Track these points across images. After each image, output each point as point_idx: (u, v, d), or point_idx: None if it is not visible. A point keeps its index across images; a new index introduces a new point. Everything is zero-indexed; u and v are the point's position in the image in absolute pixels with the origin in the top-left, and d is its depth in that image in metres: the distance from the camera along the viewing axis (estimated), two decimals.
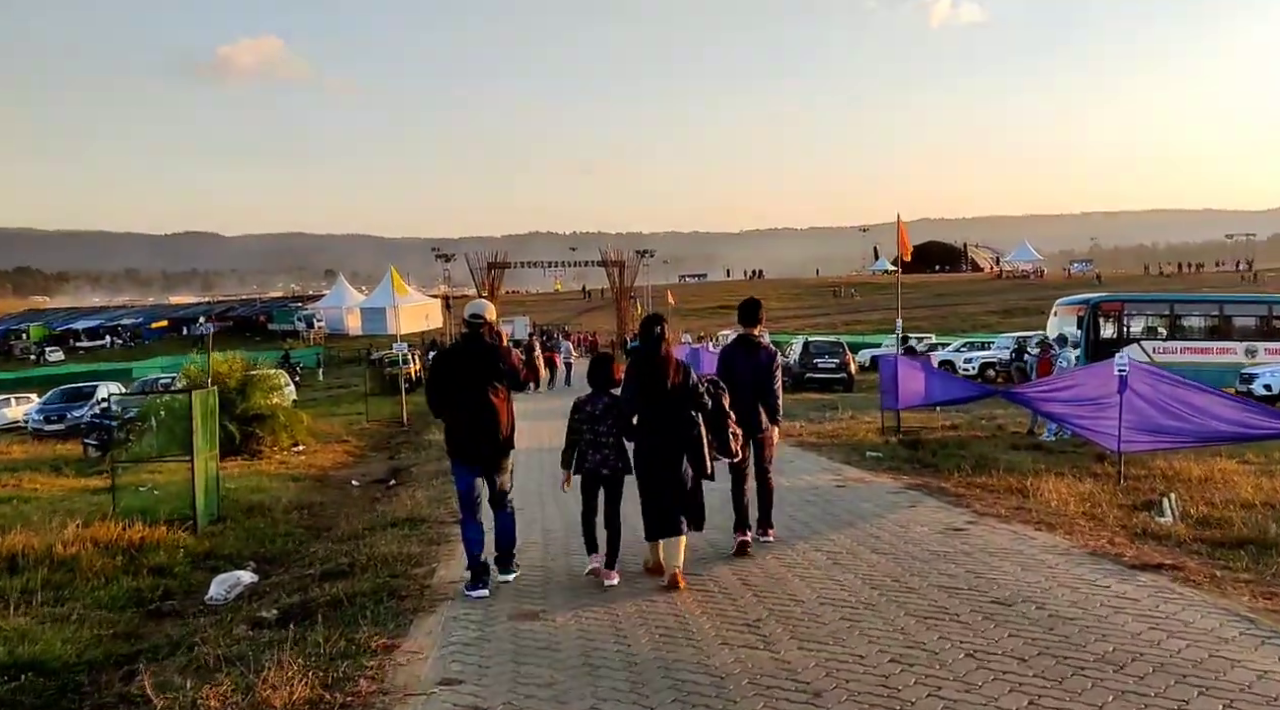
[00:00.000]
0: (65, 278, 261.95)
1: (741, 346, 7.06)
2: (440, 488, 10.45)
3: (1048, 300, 74.78)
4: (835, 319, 69.13)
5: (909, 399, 15.55)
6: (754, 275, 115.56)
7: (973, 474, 10.34)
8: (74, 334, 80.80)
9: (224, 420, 15.13)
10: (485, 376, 6.01)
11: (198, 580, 7.56)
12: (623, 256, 64.97)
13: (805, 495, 9.08)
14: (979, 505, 8.13)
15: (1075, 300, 29.25)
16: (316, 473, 13.57)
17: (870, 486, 9.52)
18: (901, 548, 6.57)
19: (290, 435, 16.31)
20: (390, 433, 21.31)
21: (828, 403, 24.09)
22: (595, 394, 6.14)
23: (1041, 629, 4.65)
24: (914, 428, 15.92)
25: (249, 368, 16.42)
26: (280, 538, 8.91)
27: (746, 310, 7.16)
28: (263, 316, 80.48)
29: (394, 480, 12.90)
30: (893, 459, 12.11)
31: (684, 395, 5.91)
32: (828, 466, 11.23)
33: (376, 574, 6.50)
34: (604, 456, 6.00)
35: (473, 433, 6.01)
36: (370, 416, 24.21)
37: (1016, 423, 17.35)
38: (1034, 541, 6.62)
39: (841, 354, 29.03)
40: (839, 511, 8.15)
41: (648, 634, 4.86)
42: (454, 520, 8.29)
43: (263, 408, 15.77)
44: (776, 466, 7.36)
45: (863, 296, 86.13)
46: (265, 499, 10.63)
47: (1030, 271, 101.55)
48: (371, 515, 9.19)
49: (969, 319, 66.93)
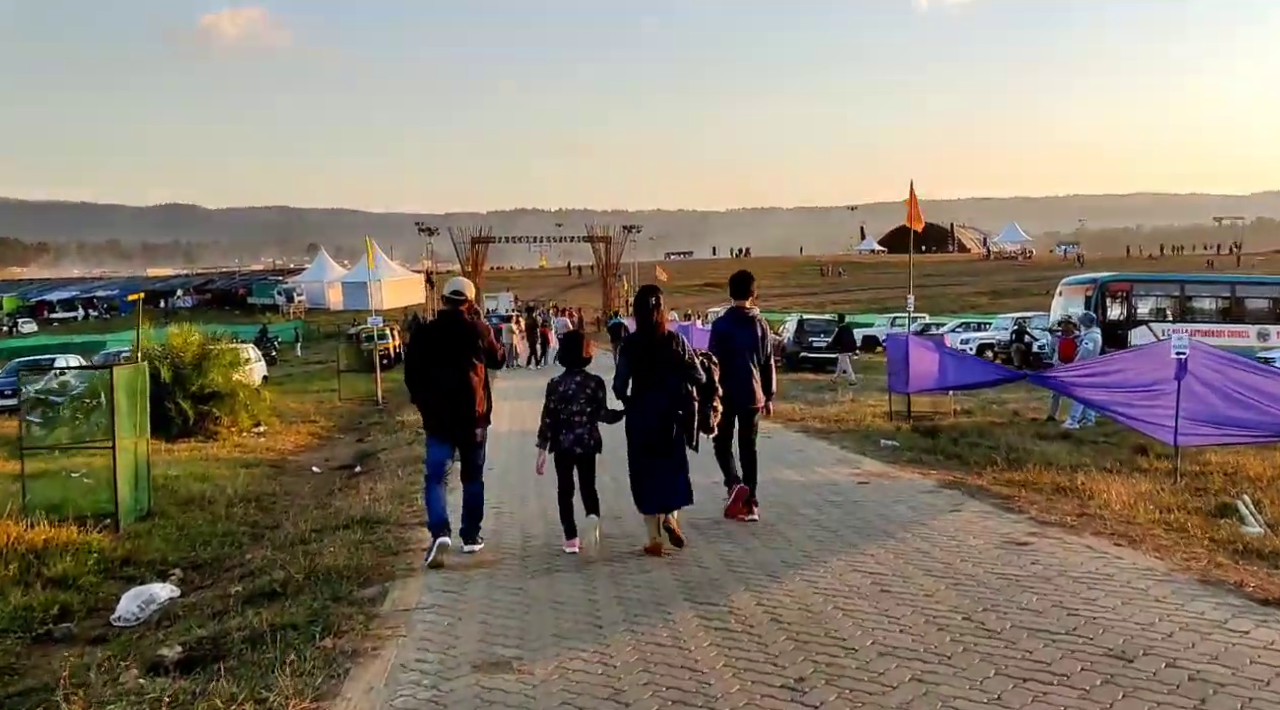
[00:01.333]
0: (45, 248, 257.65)
1: (735, 319, 7.01)
2: (407, 479, 9.22)
3: (1037, 281, 74.66)
4: (824, 298, 68.33)
5: (920, 382, 14.38)
6: (741, 253, 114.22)
7: (1008, 468, 9.20)
8: (48, 305, 78.76)
9: (178, 398, 13.85)
10: (463, 353, 6.06)
11: (108, 594, 6.32)
12: (609, 233, 63.47)
13: (825, 493, 7.89)
14: (1034, 510, 6.95)
15: (1082, 279, 28.24)
16: (274, 457, 12.31)
17: (897, 483, 8.34)
18: (960, 568, 5.37)
19: (251, 415, 15.02)
20: (363, 412, 20.03)
21: (824, 383, 22.98)
22: (568, 373, 6.12)
23: (1188, 701, 3.47)
24: (924, 412, 14.79)
25: (207, 341, 15.05)
26: (217, 538, 7.65)
27: (739, 283, 7.14)
28: (242, 290, 78.83)
29: (359, 467, 11.65)
30: (911, 449, 10.95)
31: (679, 368, 5.94)
32: (841, 457, 10.05)
33: (315, 595, 5.26)
34: (577, 435, 5.98)
35: (449, 408, 6.05)
36: (344, 394, 22.91)
37: (1029, 407, 16.26)
38: (1119, 561, 5.44)
39: None
40: (869, 516, 6.95)
41: (656, 700, 3.65)
42: (417, 522, 7.07)
43: (221, 385, 14.45)
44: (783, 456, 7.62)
45: (850, 276, 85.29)
46: (209, 489, 9.36)
47: (1018, 253, 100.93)
48: (324, 512, 7.94)
49: (958, 299, 66.27)
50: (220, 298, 77.18)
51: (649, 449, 5.93)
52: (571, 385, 6.05)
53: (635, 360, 6.05)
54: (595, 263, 64.94)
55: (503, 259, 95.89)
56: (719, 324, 7.29)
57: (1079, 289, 26.89)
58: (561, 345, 6.44)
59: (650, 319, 6.08)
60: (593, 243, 63.45)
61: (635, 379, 6.03)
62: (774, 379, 7.16)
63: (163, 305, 75.31)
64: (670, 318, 36.68)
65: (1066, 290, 27.74)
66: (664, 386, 5.93)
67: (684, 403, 5.94)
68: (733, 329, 6.95)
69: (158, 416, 13.94)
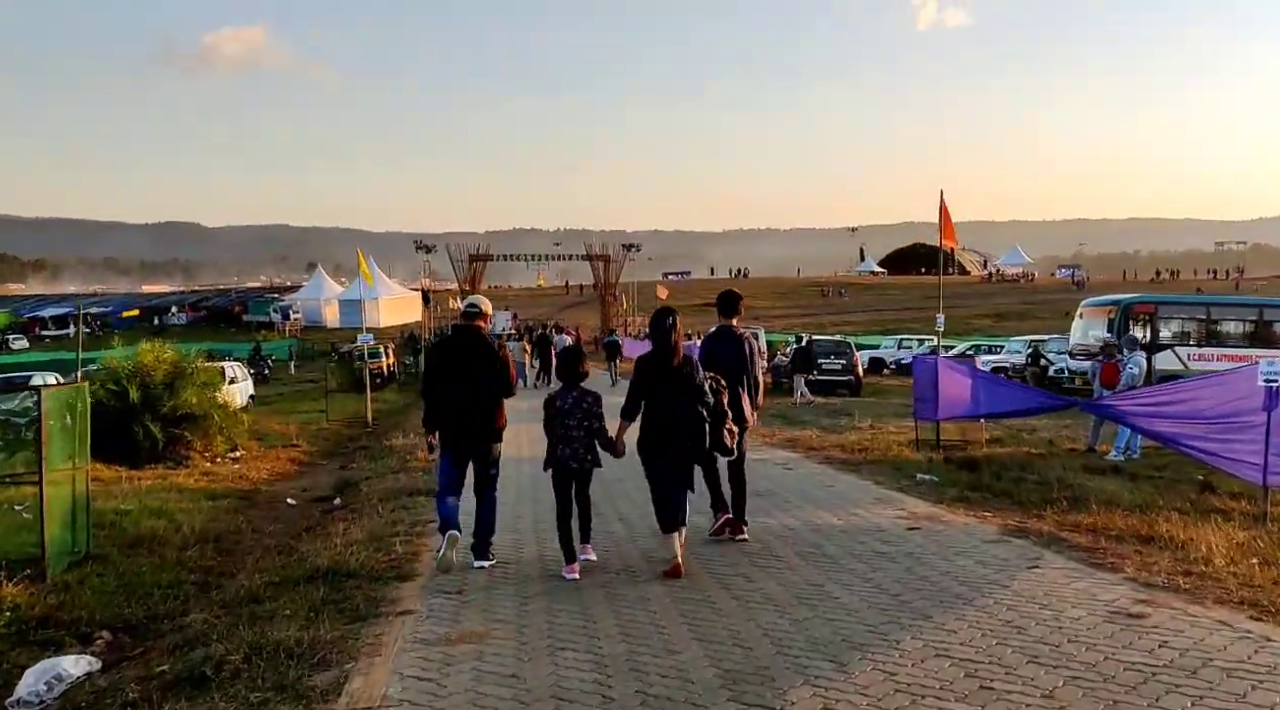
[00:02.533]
0: (43, 265, 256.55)
1: (723, 337, 7.10)
2: (388, 517, 8.11)
3: (1039, 304, 73.85)
4: (824, 319, 67.55)
5: (952, 408, 13.30)
6: (739, 274, 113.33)
7: (1069, 509, 8.11)
8: (41, 322, 77.63)
9: (146, 421, 12.78)
10: (478, 369, 6.10)
11: (14, 665, 5.19)
12: (608, 251, 62.59)
13: (872, 542, 6.77)
14: (1128, 567, 5.83)
15: (1103, 301, 27.20)
16: (246, 487, 11.17)
17: (952, 529, 7.23)
18: (1072, 653, 4.25)
19: (227, 439, 13.89)
20: (351, 434, 18.93)
21: (836, 407, 21.90)
22: (565, 388, 6.09)
23: None
24: (953, 440, 13.72)
25: (181, 359, 13.94)
26: (161, 590, 6.51)
27: (726, 302, 7.23)
28: (238, 307, 77.89)
29: (338, 499, 10.52)
30: (952, 484, 9.85)
31: (691, 390, 5.97)
32: (880, 495, 8.94)
33: (254, 682, 4.14)
34: (573, 450, 5.98)
35: (462, 423, 6.12)
36: (332, 415, 21.78)
37: (1061, 435, 15.19)
38: (1273, 646, 4.32)
39: (849, 354, 26.84)
40: (932, 573, 5.84)
41: None
42: (394, 575, 5.97)
43: (194, 407, 13.33)
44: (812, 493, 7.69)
45: (850, 297, 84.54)
46: (162, 527, 8.22)
47: (1020, 275, 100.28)
48: (286, 560, 6.81)
49: (961, 322, 65.36)
50: (215, 315, 76.21)
51: (662, 470, 5.96)
52: (568, 400, 6.02)
53: (649, 381, 6.02)
54: (594, 281, 64.03)
55: (501, 278, 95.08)
56: (707, 342, 7.36)
57: (1101, 311, 25.85)
58: (559, 360, 6.52)
59: (667, 340, 6.04)
60: (591, 261, 62.61)
61: (647, 400, 6.02)
62: (760, 396, 7.24)
63: (157, 322, 74.43)
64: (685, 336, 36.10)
65: (1087, 312, 26.70)
66: (676, 409, 5.94)
67: (696, 425, 5.97)
68: (721, 348, 7.01)
69: (125, 440, 12.86)
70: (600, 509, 7.17)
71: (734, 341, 7.05)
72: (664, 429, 5.93)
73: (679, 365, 5.99)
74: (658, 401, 5.97)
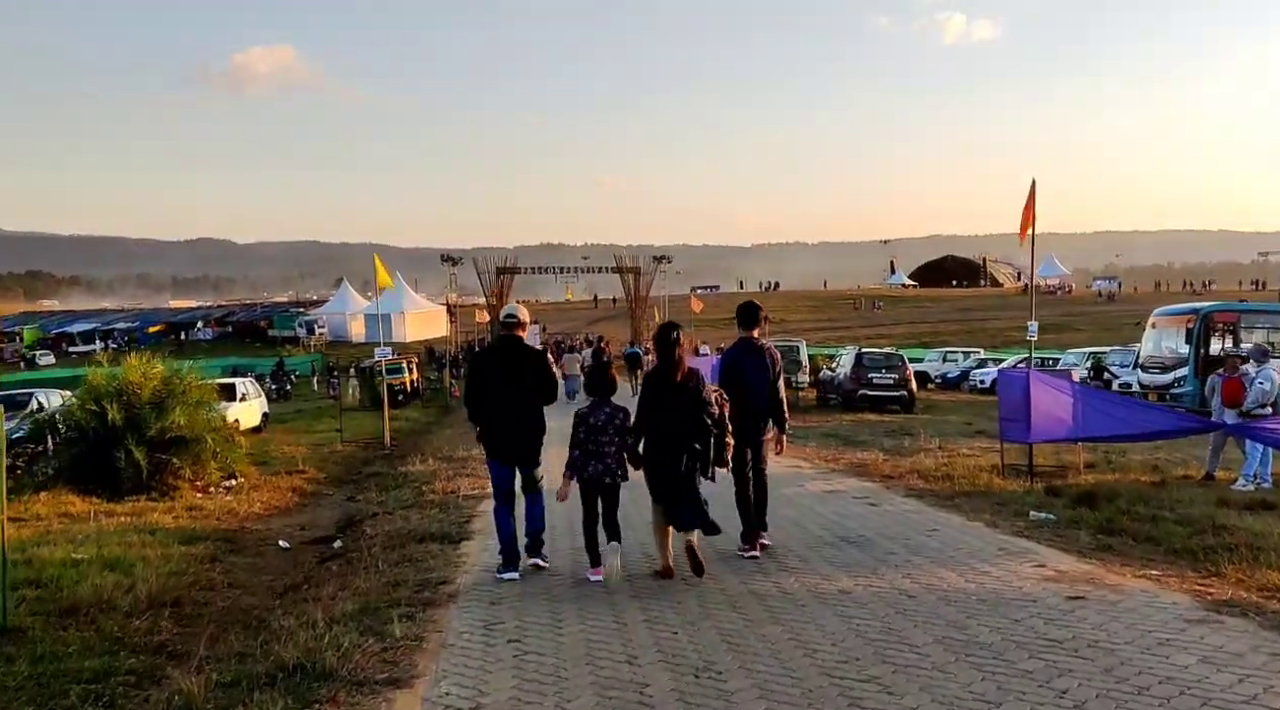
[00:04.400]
0: (77, 282, 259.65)
1: (744, 349, 6.98)
2: (393, 572, 6.48)
3: (1078, 316, 71.47)
4: (858, 331, 65.66)
5: (1048, 430, 11.49)
6: (770, 287, 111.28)
7: (1249, 561, 6.33)
8: (68, 338, 77.40)
9: (130, 445, 11.25)
10: (519, 379, 6.28)
11: None
12: (638, 263, 60.96)
13: (1033, 622, 5.00)
14: None
15: (1179, 310, 25.13)
16: (232, 526, 9.56)
17: (1130, 600, 5.44)
18: None
19: (222, 464, 12.34)
20: (367, 456, 17.35)
21: (891, 425, 20.09)
22: (596, 404, 6.23)
23: None
24: (1046, 466, 12.02)
25: (172, 375, 12.42)
26: (79, 689, 4.86)
27: (746, 314, 7.12)
28: (263, 322, 77.27)
29: (338, 541, 8.89)
30: (1075, 524, 8.08)
31: (695, 402, 6.07)
32: (1001, 543, 7.16)
33: None
34: (606, 466, 6.07)
35: (507, 430, 6.31)
36: (350, 434, 20.25)
37: (1158, 458, 13.35)
38: None
39: (901, 368, 24.93)
40: (1151, 683, 4.06)
41: None
42: (384, 676, 4.30)
43: (184, 429, 11.78)
44: (920, 543, 6.90)
45: (883, 310, 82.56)
46: (113, 586, 6.61)
47: (1057, 287, 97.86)
48: (249, 642, 5.16)
49: (998, 334, 63.32)
50: (241, 330, 75.58)
51: (664, 479, 6.05)
52: (601, 416, 6.14)
53: (655, 394, 6.16)
54: (625, 293, 62.51)
55: (529, 292, 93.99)
56: (728, 354, 7.28)
57: (1177, 320, 23.84)
58: (589, 375, 6.69)
59: (671, 354, 6.19)
60: (621, 274, 61.05)
61: (654, 412, 6.14)
62: (785, 410, 6.96)
63: (183, 337, 73.78)
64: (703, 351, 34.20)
65: (1160, 322, 24.69)
66: (680, 420, 6.05)
67: (700, 436, 6.06)
68: (742, 359, 6.89)
69: (105, 467, 11.35)
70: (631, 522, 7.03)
71: (755, 354, 6.87)
72: (667, 439, 6.04)
73: (683, 378, 6.13)
74: (663, 413, 6.10)
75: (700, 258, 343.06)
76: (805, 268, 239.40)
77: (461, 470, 12.13)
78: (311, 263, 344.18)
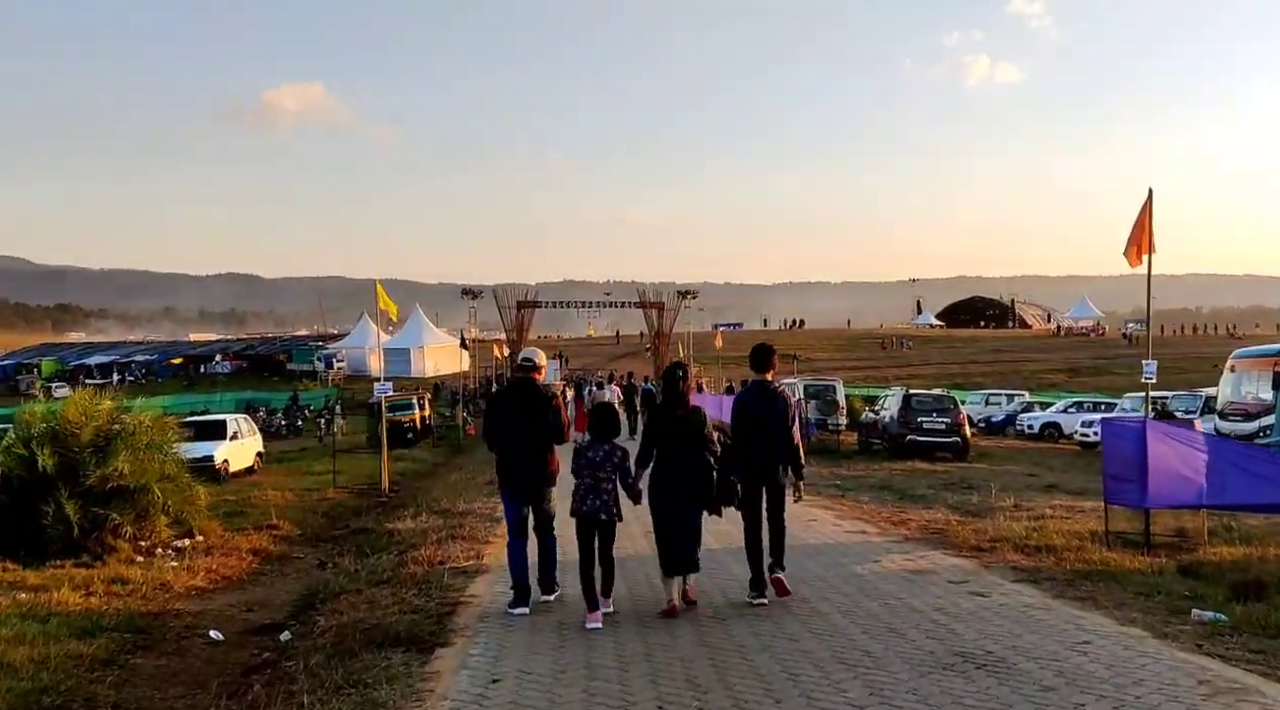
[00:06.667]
0: (104, 314, 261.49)
1: (757, 393, 6.92)
2: (332, 703, 4.49)
3: (1113, 359, 68.69)
4: (886, 371, 63.54)
5: (1172, 493, 9.41)
6: (795, 324, 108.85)
7: None
8: (85, 370, 76.47)
9: (61, 498, 9.37)
10: (532, 420, 6.56)
11: None
12: (662, 299, 59.14)
13: None
14: None
15: (1263, 351, 22.80)
16: (158, 606, 7.58)
17: None
18: None
19: (175, 519, 10.41)
20: (359, 505, 15.41)
21: (948, 476, 17.92)
22: (596, 442, 6.30)
23: None
24: (1166, 535, 9.91)
25: (119, 411, 10.55)
26: None
27: (759, 357, 7.01)
28: (282, 355, 76.01)
29: (288, 631, 6.90)
30: (1252, 626, 6.00)
31: (698, 441, 6.25)
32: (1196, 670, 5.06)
33: None
34: (603, 502, 6.16)
35: (519, 467, 6.62)
36: (346, 478, 18.34)
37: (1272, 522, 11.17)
38: None
39: (954, 411, 22.75)
40: None
41: None
42: None
43: (128, 478, 9.88)
44: (1075, 671, 5.00)
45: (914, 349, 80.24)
46: None
47: (1090, 329, 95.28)
48: None
49: (1032, 377, 61.11)
50: (259, 363, 74.26)
51: (669, 517, 6.21)
52: (599, 453, 6.25)
53: (660, 432, 6.39)
54: (646, 329, 60.72)
55: (551, 327, 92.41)
56: (742, 398, 7.22)
57: (1261, 362, 21.53)
58: (593, 418, 6.65)
59: (677, 392, 6.52)
60: (645, 309, 59.26)
61: (659, 450, 6.32)
62: (801, 457, 6.81)
63: (201, 370, 72.54)
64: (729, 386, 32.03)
65: (1241, 364, 22.38)
66: (684, 458, 6.24)
67: (703, 474, 6.26)
68: (756, 403, 6.81)
69: (30, 525, 9.45)
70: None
71: (770, 399, 6.82)
72: (671, 474, 6.22)
73: (687, 414, 6.35)
74: (667, 449, 6.28)
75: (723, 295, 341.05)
76: (829, 305, 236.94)
77: (458, 530, 10.15)
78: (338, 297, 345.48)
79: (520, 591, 6.43)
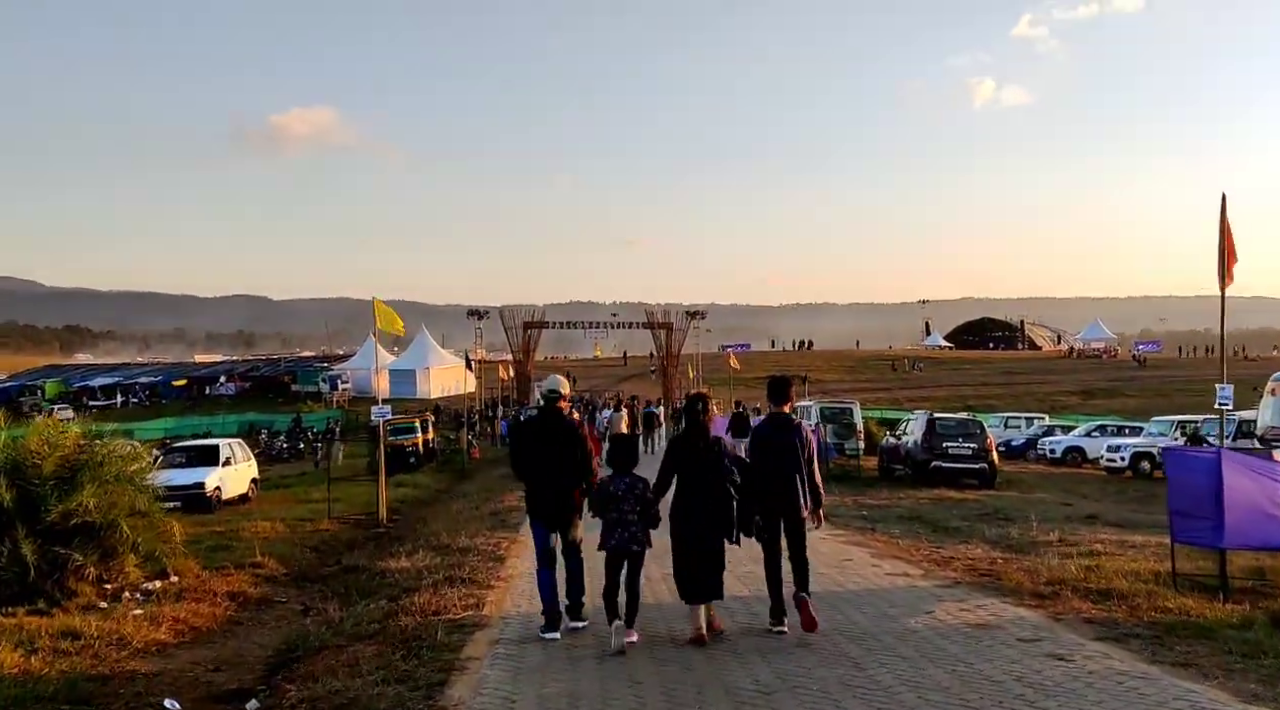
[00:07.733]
0: (112, 336, 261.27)
1: (775, 425, 6.87)
2: None
3: (1126, 381, 67.26)
4: (897, 393, 62.44)
5: (1254, 533, 8.45)
6: (804, 345, 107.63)
7: None
8: (89, 391, 75.76)
9: (19, 536, 8.45)
10: (560, 452, 6.68)
11: None
12: (670, 319, 58.21)
13: None
14: None
15: None
16: (105, 668, 6.59)
17: None
18: None
19: (146, 557, 9.45)
20: (354, 537, 14.45)
21: (979, 505, 16.88)
22: (617, 475, 6.45)
23: None
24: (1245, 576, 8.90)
25: (85, 440, 9.62)
26: None
27: (776, 388, 6.92)
28: (287, 376, 75.31)
29: (255, 700, 5.94)
30: None
31: (718, 470, 6.34)
32: None
33: None
34: (631, 533, 6.28)
35: (546, 496, 6.73)
36: (344, 506, 17.37)
37: None
38: None
39: (981, 436, 21.69)
40: None
41: None
42: None
43: (94, 513, 8.94)
44: None
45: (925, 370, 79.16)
46: None
47: (1102, 351, 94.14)
48: None
49: (1045, 399, 59.89)
50: (263, 385, 73.55)
51: (690, 546, 6.28)
52: (621, 486, 6.37)
53: (679, 462, 6.44)
54: (655, 350, 59.75)
55: (557, 348, 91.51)
56: (759, 429, 7.22)
57: None
58: (612, 449, 6.73)
59: (697, 423, 6.58)
60: (653, 330, 58.32)
61: (679, 479, 6.41)
62: (821, 488, 6.76)
63: (206, 392, 71.76)
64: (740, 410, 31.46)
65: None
66: (705, 487, 6.31)
67: (724, 503, 6.32)
68: (773, 435, 6.75)
69: None
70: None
71: (786, 429, 6.75)
72: (692, 501, 6.32)
73: (708, 444, 6.44)
74: (687, 478, 6.39)
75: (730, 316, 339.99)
76: (836, 327, 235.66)
77: (456, 571, 9.18)
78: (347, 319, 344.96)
79: (551, 617, 6.59)
